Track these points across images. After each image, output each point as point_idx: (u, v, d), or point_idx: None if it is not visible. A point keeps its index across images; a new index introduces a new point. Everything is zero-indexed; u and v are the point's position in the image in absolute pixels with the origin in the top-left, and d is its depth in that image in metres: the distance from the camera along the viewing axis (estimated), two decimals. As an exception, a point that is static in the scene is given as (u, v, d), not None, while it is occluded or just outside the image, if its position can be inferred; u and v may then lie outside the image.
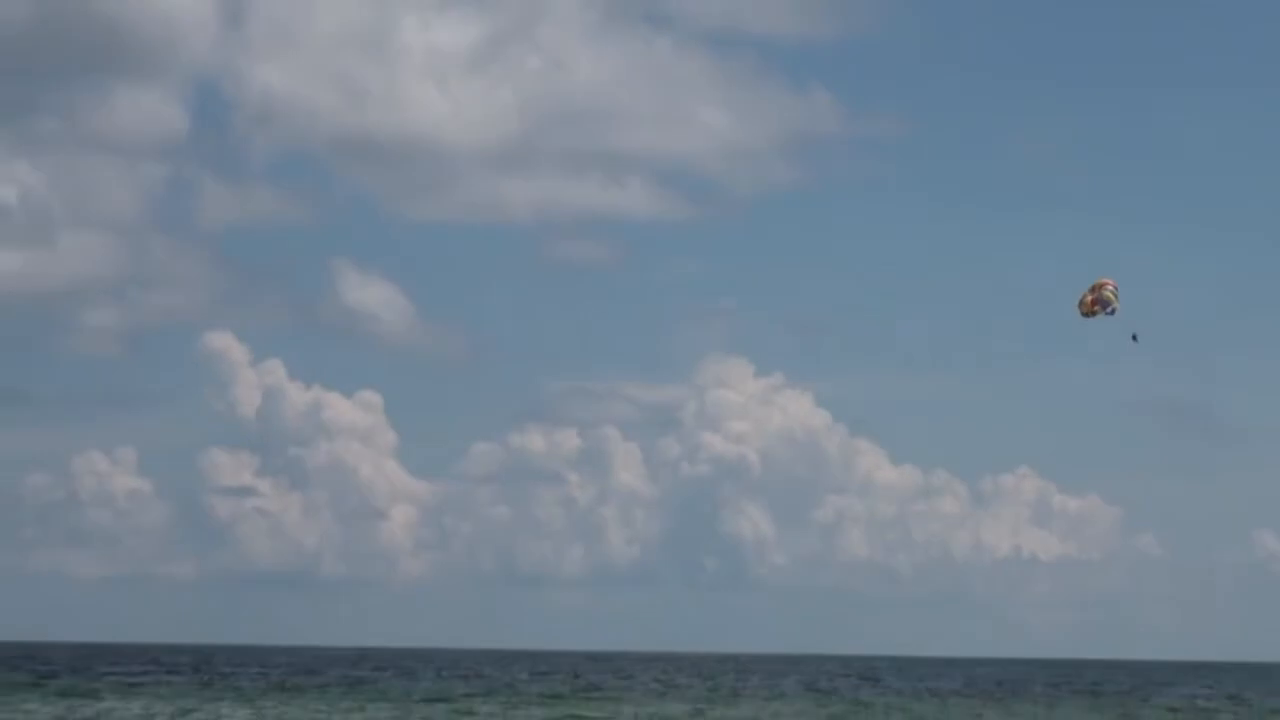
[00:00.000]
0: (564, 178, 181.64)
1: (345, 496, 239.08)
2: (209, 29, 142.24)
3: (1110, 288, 38.23)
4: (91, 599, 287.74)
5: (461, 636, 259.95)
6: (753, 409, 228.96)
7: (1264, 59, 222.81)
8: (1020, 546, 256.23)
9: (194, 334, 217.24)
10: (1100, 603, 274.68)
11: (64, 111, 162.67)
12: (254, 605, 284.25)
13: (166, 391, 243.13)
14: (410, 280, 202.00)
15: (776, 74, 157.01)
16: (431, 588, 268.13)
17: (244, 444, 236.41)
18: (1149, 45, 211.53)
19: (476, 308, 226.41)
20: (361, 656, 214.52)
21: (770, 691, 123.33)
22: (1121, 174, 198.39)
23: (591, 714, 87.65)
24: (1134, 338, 39.22)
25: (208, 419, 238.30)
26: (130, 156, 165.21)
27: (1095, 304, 39.13)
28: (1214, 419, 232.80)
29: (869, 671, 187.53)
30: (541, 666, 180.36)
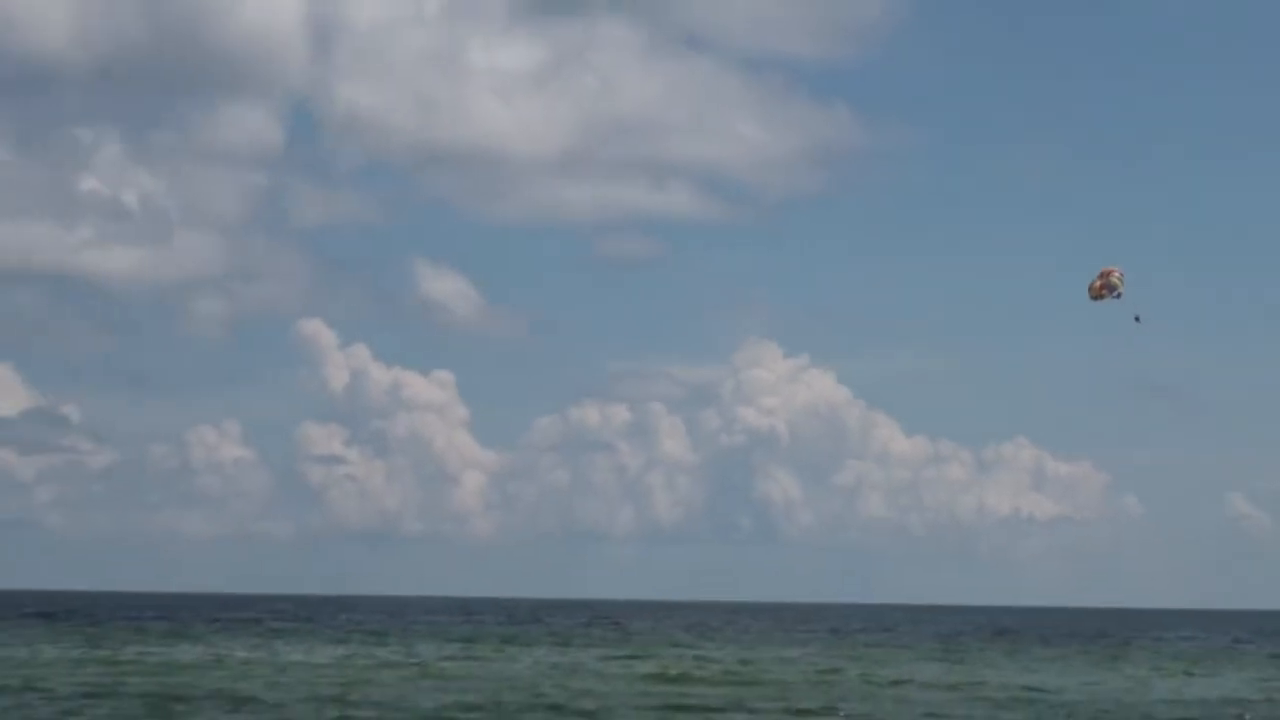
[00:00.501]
0: (615, 183, 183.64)
1: (422, 464, 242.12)
2: (301, 54, 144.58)
3: (1117, 274, 38.28)
4: (202, 554, 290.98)
5: (525, 587, 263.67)
6: (782, 386, 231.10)
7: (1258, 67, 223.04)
8: (1019, 508, 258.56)
9: (289, 321, 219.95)
10: (1089, 557, 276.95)
11: (178, 126, 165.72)
12: (343, 559, 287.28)
13: (266, 372, 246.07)
14: (479, 273, 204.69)
15: (802, 91, 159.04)
16: (498, 544, 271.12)
17: (333, 417, 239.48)
18: (1140, 66, 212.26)
19: (538, 298, 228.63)
20: (438, 605, 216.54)
21: (801, 636, 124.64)
22: (1109, 177, 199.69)
23: (639, 655, 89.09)
24: (1136, 319, 39.15)
25: (302, 396, 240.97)
26: (234, 166, 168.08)
27: (1104, 289, 38.65)
28: (1190, 395, 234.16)
29: (886, 619, 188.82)
30: (595, 614, 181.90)
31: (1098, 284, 38.52)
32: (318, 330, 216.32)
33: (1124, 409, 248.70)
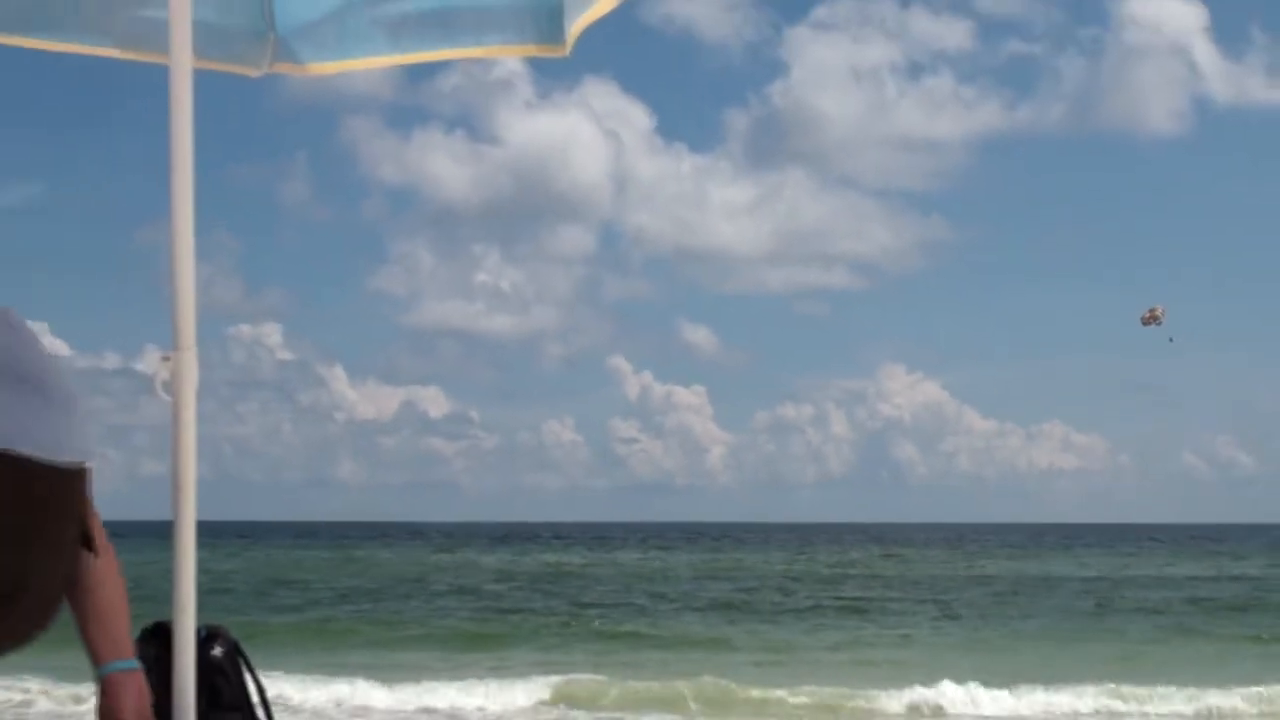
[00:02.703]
0: (800, 269, 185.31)
1: (686, 442, 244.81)
2: (607, 195, 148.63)
3: (1160, 309, 33.30)
4: (552, 501, 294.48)
5: (757, 515, 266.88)
6: (904, 390, 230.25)
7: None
8: (1053, 463, 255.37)
9: (602, 358, 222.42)
10: (1098, 494, 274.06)
11: (532, 241, 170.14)
12: (638, 502, 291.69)
13: (588, 388, 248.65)
14: (718, 326, 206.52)
15: (914, 210, 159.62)
16: (733, 491, 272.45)
17: (631, 415, 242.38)
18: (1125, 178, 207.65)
19: (755, 340, 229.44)
20: (698, 527, 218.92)
21: (915, 540, 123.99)
22: (1108, 256, 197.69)
23: (821, 559, 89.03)
24: (1170, 339, 34.68)
25: (611, 402, 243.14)
26: (567, 264, 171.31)
27: (1151, 319, 33.71)
28: (1160, 391, 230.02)
29: (977, 534, 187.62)
30: (792, 533, 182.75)
31: (1146, 315, 34.18)
32: (620, 363, 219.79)
33: (1120, 400, 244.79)
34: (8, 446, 2.22)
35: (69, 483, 2.45)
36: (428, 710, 18.46)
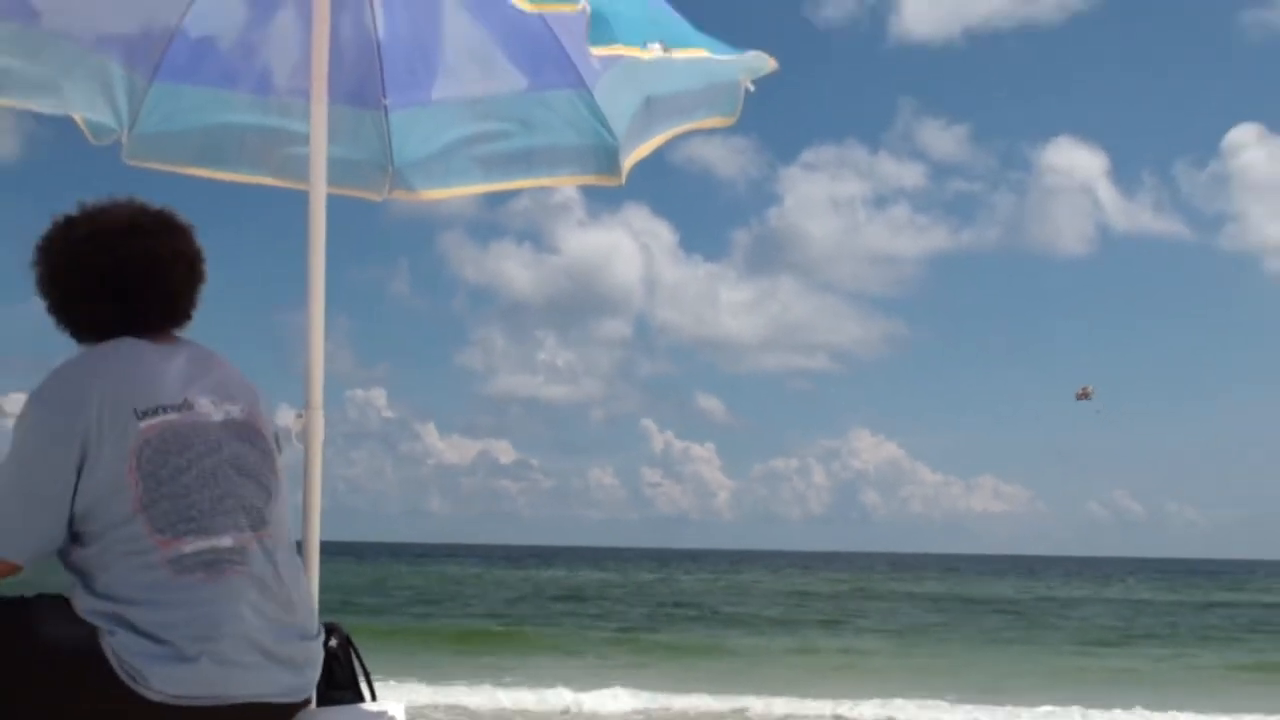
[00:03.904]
0: (789, 354, 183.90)
1: (699, 487, 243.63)
2: (640, 296, 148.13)
3: (1091, 388, 32.54)
4: (594, 531, 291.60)
5: (754, 544, 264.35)
6: (869, 450, 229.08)
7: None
8: (987, 508, 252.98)
9: (636, 420, 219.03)
10: (1021, 533, 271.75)
11: (582, 328, 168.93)
12: (661, 533, 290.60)
13: (623, 445, 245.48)
14: (727, 397, 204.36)
15: (879, 310, 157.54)
16: (735, 525, 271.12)
17: (656, 465, 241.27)
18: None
19: (756, 409, 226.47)
20: (704, 553, 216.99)
21: (877, 566, 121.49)
22: (1038, 348, 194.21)
23: (803, 580, 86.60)
24: (1098, 411, 34.45)
25: (641, 455, 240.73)
26: (607, 348, 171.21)
27: (1083, 395, 32.82)
28: (1068, 451, 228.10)
29: (926, 562, 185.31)
30: (782, 559, 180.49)
31: (1080, 392, 33.11)
32: (649, 425, 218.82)
33: (1039, 459, 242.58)
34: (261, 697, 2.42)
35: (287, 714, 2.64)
36: (523, 712, 17.04)
